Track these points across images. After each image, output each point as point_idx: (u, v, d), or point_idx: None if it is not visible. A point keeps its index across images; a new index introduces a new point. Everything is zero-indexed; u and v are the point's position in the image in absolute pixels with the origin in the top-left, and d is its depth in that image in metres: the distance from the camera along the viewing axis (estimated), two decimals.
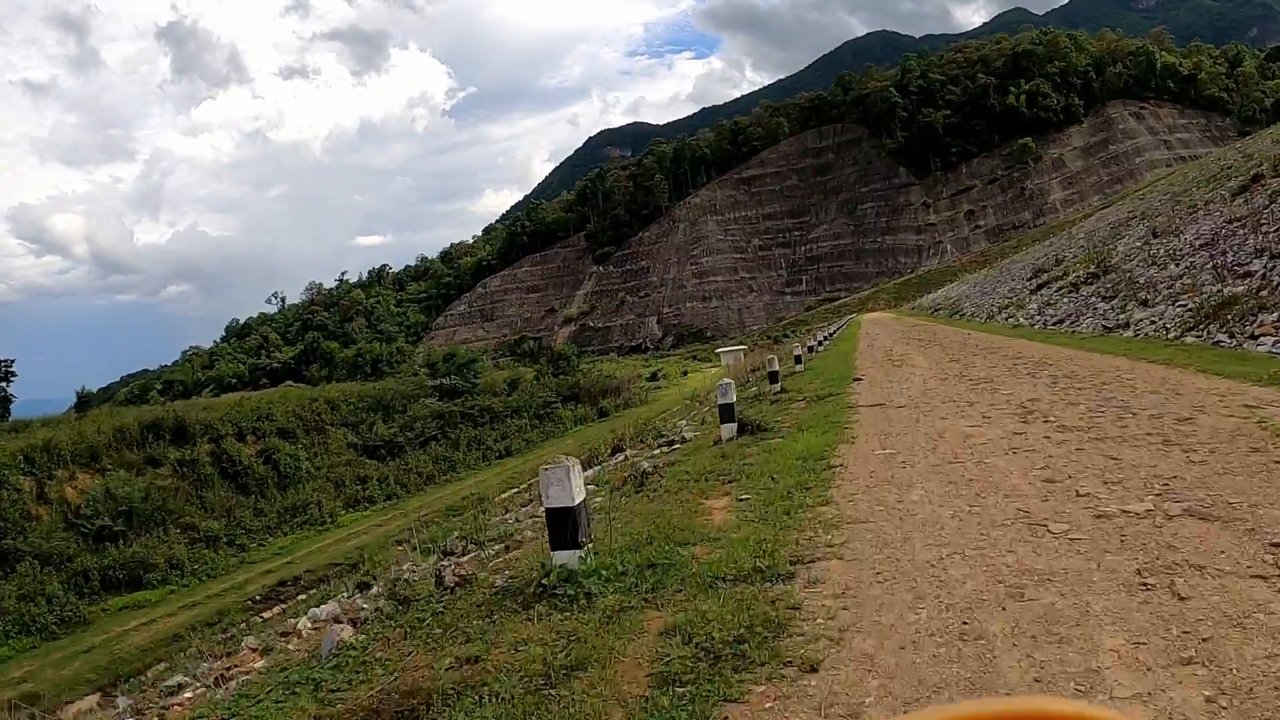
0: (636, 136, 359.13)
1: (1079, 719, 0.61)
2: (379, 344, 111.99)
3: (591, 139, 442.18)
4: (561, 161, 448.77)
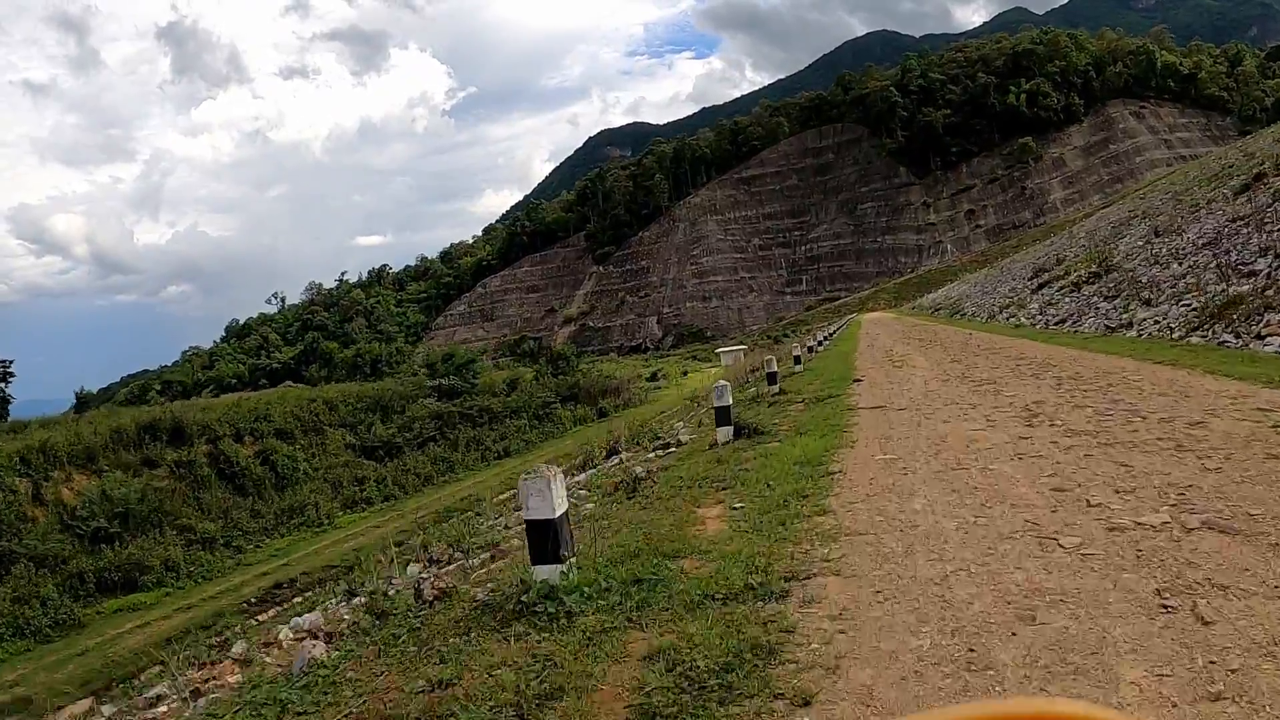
0: (636, 136, 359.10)
1: (1081, 719, 0.59)
2: (379, 344, 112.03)
3: (591, 139, 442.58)
4: (561, 161, 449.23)
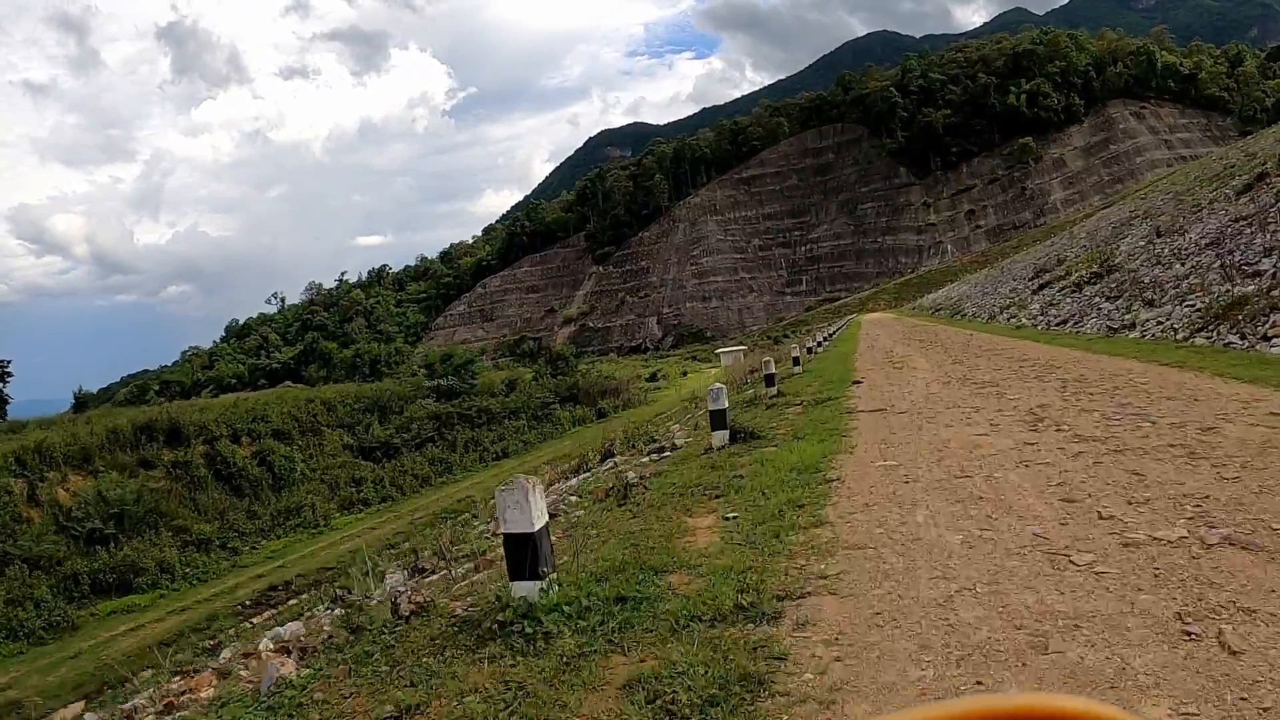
0: (636, 136, 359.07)
1: (1083, 716, 0.59)
2: (378, 344, 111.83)
3: (591, 139, 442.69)
4: (561, 162, 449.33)
